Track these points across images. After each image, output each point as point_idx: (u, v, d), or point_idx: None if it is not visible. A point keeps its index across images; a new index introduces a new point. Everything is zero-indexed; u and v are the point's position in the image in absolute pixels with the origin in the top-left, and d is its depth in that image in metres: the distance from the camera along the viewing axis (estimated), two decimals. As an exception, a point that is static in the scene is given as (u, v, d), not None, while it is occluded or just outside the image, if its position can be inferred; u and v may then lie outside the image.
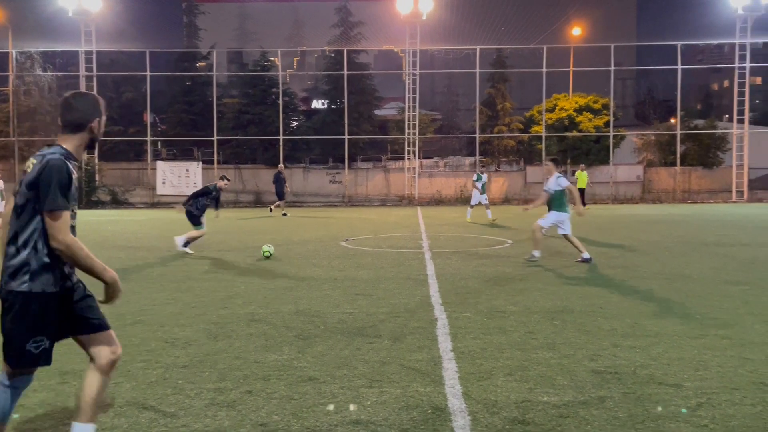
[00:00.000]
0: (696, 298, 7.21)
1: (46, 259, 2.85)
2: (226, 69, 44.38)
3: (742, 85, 32.66)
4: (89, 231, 15.42)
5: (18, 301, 2.82)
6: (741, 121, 33.10)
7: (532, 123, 36.23)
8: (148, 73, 33.17)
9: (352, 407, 3.84)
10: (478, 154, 34.32)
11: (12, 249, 2.86)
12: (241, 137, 34.38)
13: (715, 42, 40.23)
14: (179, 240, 11.65)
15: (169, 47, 37.45)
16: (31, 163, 2.90)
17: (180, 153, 37.34)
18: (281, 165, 25.62)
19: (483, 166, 21.91)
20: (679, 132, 34.03)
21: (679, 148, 33.39)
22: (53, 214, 2.78)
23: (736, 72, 32.95)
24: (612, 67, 33.68)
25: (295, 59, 37.18)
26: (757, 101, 51.75)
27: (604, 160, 33.04)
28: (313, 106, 45.20)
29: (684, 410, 3.74)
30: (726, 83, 52.52)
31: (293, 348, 5.19)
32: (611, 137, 33.37)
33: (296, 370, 4.60)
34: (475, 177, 20.12)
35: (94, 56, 32.51)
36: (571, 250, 10.62)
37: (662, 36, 39.44)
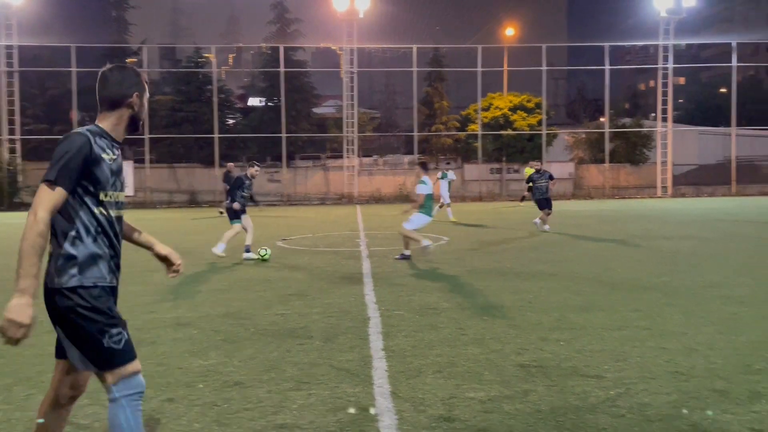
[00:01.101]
0: (620, 290, 7.47)
1: (96, 250, 2.53)
2: (158, 65, 43.09)
3: (665, 85, 34.20)
4: (11, 234, 14.60)
5: (73, 297, 2.47)
6: (665, 119, 34.67)
7: (469, 122, 36.84)
8: (73, 69, 31.84)
9: (277, 411, 3.76)
10: (417, 152, 34.61)
11: (53, 241, 2.50)
12: (175, 135, 33.44)
13: (640, 44, 41.98)
14: (220, 248, 10.74)
15: (96, 42, 36.00)
16: None
17: (110, 152, 35.97)
18: (231, 164, 24.86)
19: (448, 163, 21.88)
20: (607, 130, 35.36)
21: (608, 146, 34.68)
22: (45, 184, 2.39)
23: (660, 72, 34.49)
24: (544, 67, 34.62)
25: (230, 56, 36.34)
26: (681, 100, 54.27)
27: (538, 158, 33.92)
28: (249, 104, 44.47)
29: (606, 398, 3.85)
30: (651, 83, 54.84)
31: (220, 352, 5.05)
32: (544, 135, 34.33)
33: (222, 375, 4.47)
34: (439, 175, 19.80)
35: (15, 51, 30.97)
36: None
37: (591, 37, 40.77)
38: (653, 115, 38.91)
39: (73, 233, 2.49)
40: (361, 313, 6.43)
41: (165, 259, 3.12)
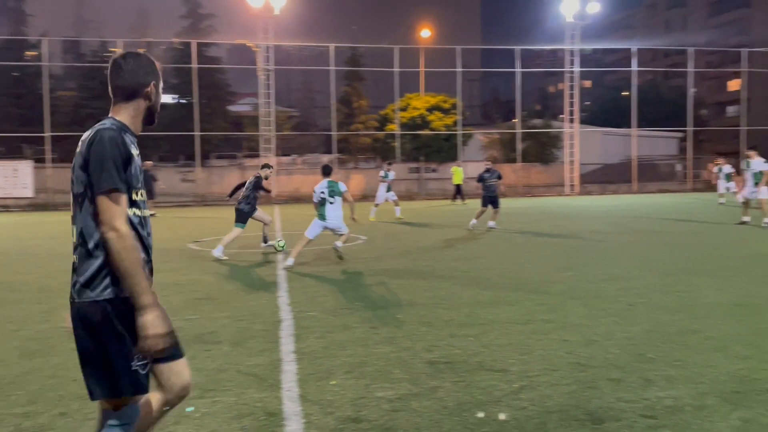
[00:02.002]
0: (528, 285, 7.72)
1: None
2: (60, 59, 40.66)
3: (572, 87, 35.80)
4: None
5: (104, 311, 2.25)
6: (573, 121, 36.29)
7: (387, 121, 37.13)
8: (-36, 61, 29.53)
9: (178, 422, 3.61)
10: (337, 151, 34.54)
11: (81, 250, 2.30)
12: (79, 133, 31.12)
13: (549, 48, 43.74)
14: (217, 251, 10.46)
15: (-10, 33, 33.59)
16: (81, 142, 2.35)
17: (7, 151, 33.68)
18: (149, 162, 23.71)
19: (389, 164, 21.76)
20: (519, 131, 36.66)
21: (519, 146, 35.93)
22: (110, 195, 2.21)
23: (567, 76, 36.07)
24: (459, 69, 35.41)
25: (139, 50, 34.84)
26: (587, 103, 56.99)
27: (454, 158, 34.68)
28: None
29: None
30: (560, 86, 57.32)
31: (121, 361, 4.80)
32: (460, 136, 35.13)
33: (121, 385, 4.25)
34: (382, 174, 19.71)
35: None
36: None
37: (503, 41, 42.08)
38: (561, 116, 40.66)
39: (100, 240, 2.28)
40: (273, 315, 6.31)
41: None
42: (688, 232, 14.14)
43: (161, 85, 2.58)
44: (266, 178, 11.41)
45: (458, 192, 26.91)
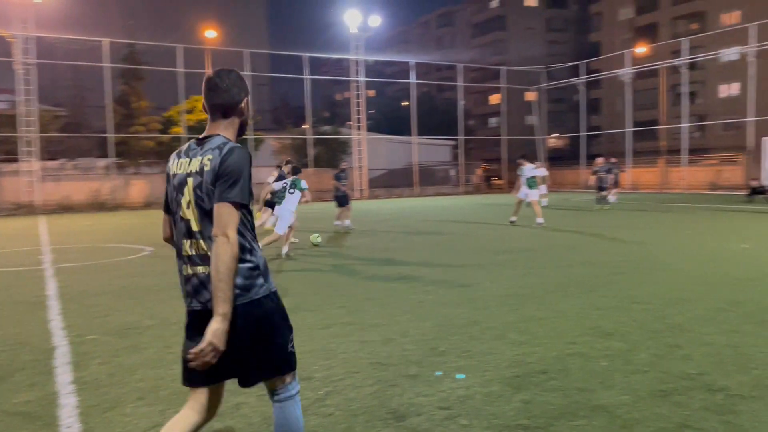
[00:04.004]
0: (326, 289, 7.81)
1: (264, 257, 2.57)
2: None
3: (359, 96, 37.35)
4: None
5: (265, 306, 2.50)
6: (360, 128, 37.86)
7: (172, 123, 35.15)
8: None
9: None
10: (115, 155, 31.79)
11: None
12: None
13: (335, 56, 45.11)
14: (284, 249, 11.01)
15: None
16: (197, 160, 2.47)
17: None
18: None
19: (300, 170, 20.30)
20: (309, 137, 37.23)
21: (311, 152, 36.49)
22: (233, 206, 2.37)
23: (353, 85, 37.55)
24: (249, 73, 34.87)
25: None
26: (372, 111, 59.89)
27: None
28: None
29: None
30: (347, 94, 59.41)
31: None
32: (252, 140, 34.58)
33: None
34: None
35: None
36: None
37: (291, 46, 42.40)
38: (349, 123, 42.19)
39: (247, 245, 2.48)
40: (44, 342, 5.54)
41: None
42: (465, 231, 15.55)
43: (248, 98, 2.66)
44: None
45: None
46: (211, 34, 41.53)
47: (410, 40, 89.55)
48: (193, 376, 2.53)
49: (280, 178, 12.35)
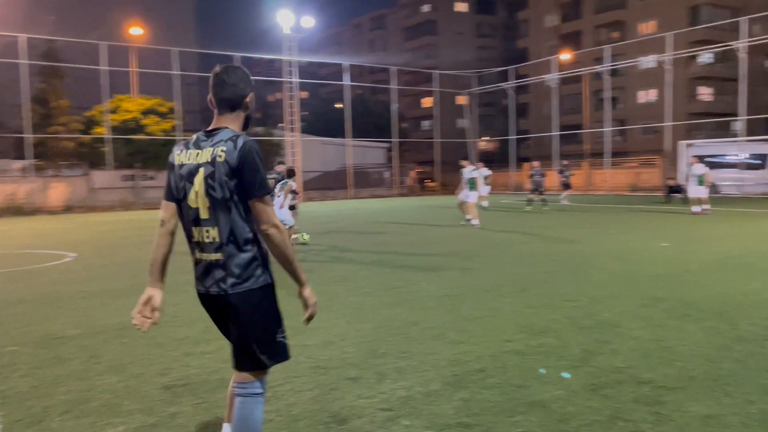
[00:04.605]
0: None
1: (265, 249, 2.71)
2: None
3: (292, 97, 36.98)
4: None
5: (259, 296, 2.68)
6: (293, 129, 37.49)
7: (94, 124, 33.70)
8: None
9: None
10: (32, 156, 30.16)
11: (232, 248, 2.63)
12: None
13: (268, 57, 44.50)
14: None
15: None
16: (218, 151, 2.61)
17: None
18: None
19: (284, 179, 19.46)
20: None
21: (243, 153, 35.82)
22: (265, 199, 2.61)
23: (286, 86, 37.15)
24: (178, 72, 33.92)
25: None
26: (305, 113, 59.46)
27: (174, 164, 33.06)
28: None
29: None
30: (279, 95, 58.75)
31: None
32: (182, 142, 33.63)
33: None
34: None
35: None
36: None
37: (222, 46, 41.57)
38: (282, 125, 41.70)
39: (251, 236, 2.64)
40: (-43, 356, 5.18)
41: None
42: (401, 232, 15.67)
43: (253, 93, 2.80)
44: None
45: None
46: (136, 31, 40.16)
47: (343, 42, 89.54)
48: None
49: (279, 179, 12.49)
